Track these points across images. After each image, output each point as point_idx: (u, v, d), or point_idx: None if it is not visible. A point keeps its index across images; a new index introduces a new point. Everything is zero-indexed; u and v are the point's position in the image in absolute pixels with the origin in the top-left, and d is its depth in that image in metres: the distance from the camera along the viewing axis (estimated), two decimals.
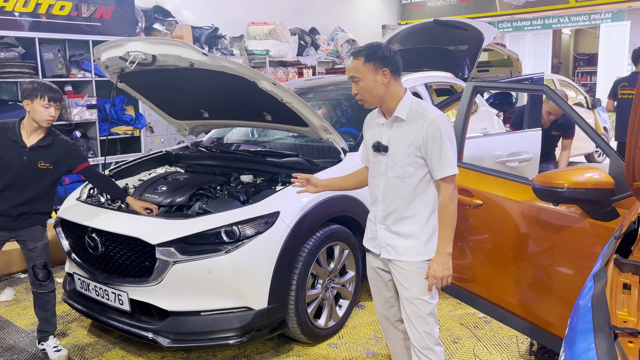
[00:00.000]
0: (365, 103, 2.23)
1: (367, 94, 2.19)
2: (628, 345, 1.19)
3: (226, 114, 3.79)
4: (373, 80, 2.17)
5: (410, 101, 2.22)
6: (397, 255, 2.26)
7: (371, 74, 2.16)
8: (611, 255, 1.58)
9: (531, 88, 3.75)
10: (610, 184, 2.16)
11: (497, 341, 3.25)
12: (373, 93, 2.18)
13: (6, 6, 4.85)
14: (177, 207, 3.24)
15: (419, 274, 2.24)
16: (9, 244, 4.48)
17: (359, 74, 2.18)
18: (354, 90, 2.22)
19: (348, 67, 2.23)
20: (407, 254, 2.25)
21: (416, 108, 2.19)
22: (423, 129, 2.14)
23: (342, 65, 9.46)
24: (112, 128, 5.71)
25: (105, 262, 3.09)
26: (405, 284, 2.26)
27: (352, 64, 2.20)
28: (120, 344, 3.33)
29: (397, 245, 2.26)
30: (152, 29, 6.67)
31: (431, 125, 2.12)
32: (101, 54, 3.33)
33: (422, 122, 2.14)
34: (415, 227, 2.23)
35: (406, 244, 2.25)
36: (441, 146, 2.13)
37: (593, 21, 12.10)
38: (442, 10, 11.40)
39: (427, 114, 2.15)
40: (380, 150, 2.25)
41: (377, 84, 2.17)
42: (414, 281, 2.24)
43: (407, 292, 2.26)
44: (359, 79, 2.18)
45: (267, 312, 2.89)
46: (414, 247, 2.24)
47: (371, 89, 2.17)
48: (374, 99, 2.21)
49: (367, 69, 2.16)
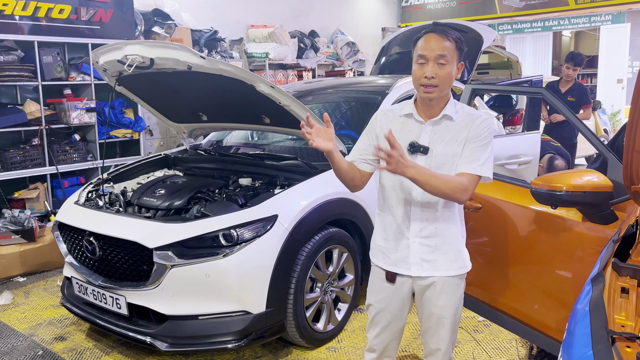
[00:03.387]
0: (432, 92, 1.93)
1: (446, 82, 1.92)
2: (625, 349, 1.18)
3: (225, 117, 3.79)
4: (455, 70, 1.94)
5: (454, 101, 2.04)
6: (433, 270, 2.04)
7: (456, 62, 1.94)
8: (609, 259, 1.57)
9: (529, 91, 3.75)
10: (608, 187, 2.15)
11: (497, 345, 3.24)
12: (450, 83, 1.95)
13: (5, 10, 4.86)
14: (175, 211, 3.23)
15: (457, 289, 2.08)
16: (7, 247, 4.49)
17: (450, 56, 1.91)
18: (434, 73, 1.90)
19: (437, 44, 1.90)
20: (448, 268, 2.04)
21: (462, 109, 2.03)
22: (474, 125, 1.97)
23: (342, 68, 9.45)
24: (111, 131, 5.70)
25: (103, 266, 3.08)
26: (440, 302, 2.06)
27: (445, 43, 1.90)
28: (118, 348, 3.32)
29: (436, 260, 2.03)
30: (152, 32, 6.67)
31: (482, 124, 1.97)
32: (99, 58, 3.32)
33: (473, 120, 1.99)
34: (453, 235, 2.04)
35: (446, 257, 2.04)
36: (484, 146, 1.96)
37: (593, 23, 12.09)
38: (442, 13, 11.40)
39: (479, 114, 2.02)
40: (419, 151, 1.98)
41: (453, 77, 1.95)
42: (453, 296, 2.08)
43: (443, 311, 2.07)
44: (447, 63, 1.91)
45: (266, 316, 2.88)
46: (456, 260, 2.04)
47: (452, 79, 1.94)
48: (445, 91, 1.96)
49: (456, 56, 1.93)
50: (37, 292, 4.29)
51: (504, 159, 4.05)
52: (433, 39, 1.92)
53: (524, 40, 13.82)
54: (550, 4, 10.38)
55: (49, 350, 3.33)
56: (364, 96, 4.29)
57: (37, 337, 3.51)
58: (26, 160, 5.09)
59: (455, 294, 2.08)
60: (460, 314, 2.15)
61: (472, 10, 11.12)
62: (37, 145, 5.18)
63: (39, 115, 5.13)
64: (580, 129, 2.48)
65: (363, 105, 4.17)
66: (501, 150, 4.08)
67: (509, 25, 12.74)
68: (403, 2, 11.98)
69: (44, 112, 5.16)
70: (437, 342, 2.14)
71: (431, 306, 2.09)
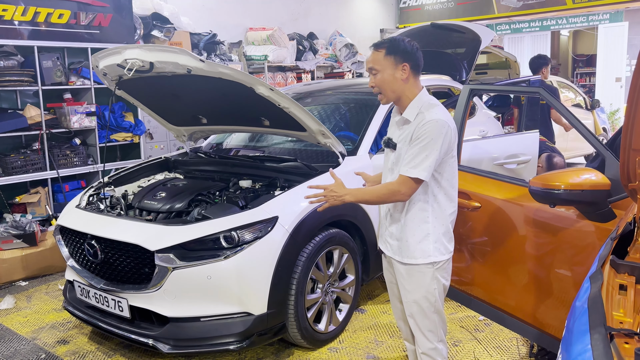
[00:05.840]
0: (383, 98, 2.20)
1: (385, 88, 2.15)
2: (624, 346, 1.19)
3: (224, 120, 3.80)
4: (392, 75, 2.13)
5: (423, 102, 2.15)
6: (392, 253, 2.31)
7: (391, 67, 2.13)
8: (607, 256, 1.58)
9: (527, 90, 3.76)
10: (606, 185, 2.16)
11: (498, 344, 3.25)
12: (392, 87, 2.15)
13: (5, 15, 4.87)
14: (176, 213, 3.24)
15: (412, 276, 2.24)
16: (9, 252, 4.50)
17: (378, 66, 2.14)
18: (372, 82, 2.18)
19: (368, 59, 2.19)
20: (398, 254, 2.28)
21: (425, 110, 2.12)
22: (417, 127, 2.09)
23: (341, 69, 9.47)
24: (111, 135, 5.72)
25: (105, 269, 3.09)
26: (403, 284, 2.30)
27: (373, 56, 2.16)
28: (120, 350, 3.33)
29: (393, 244, 2.30)
30: (151, 36, 6.69)
31: (423, 126, 2.07)
32: (99, 62, 3.34)
33: (419, 123, 2.10)
34: (406, 228, 2.23)
35: (397, 244, 2.28)
36: (420, 148, 2.07)
37: (591, 22, 12.11)
38: (440, 14, 11.43)
39: (427, 116, 2.09)
40: (389, 147, 2.25)
41: (395, 79, 2.13)
42: (412, 283, 2.26)
43: (406, 294, 2.29)
44: (378, 72, 2.14)
45: (267, 317, 2.89)
46: (404, 249, 2.25)
47: (390, 83, 2.14)
48: (392, 94, 2.17)
49: (388, 62, 2.13)
50: (39, 296, 4.30)
51: (503, 159, 4.06)
52: (370, 53, 2.20)
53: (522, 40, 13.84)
54: (548, 4, 10.40)
55: (52, 354, 3.34)
56: (362, 97, 4.31)
57: (39, 341, 3.52)
58: (27, 165, 5.10)
59: (421, 281, 2.24)
60: (432, 303, 2.25)
61: (470, 10, 11.14)
62: (38, 149, 5.19)
63: (39, 119, 5.15)
64: (578, 127, 2.49)
65: (362, 107, 4.19)
66: (500, 150, 4.09)
67: (507, 25, 12.76)
68: (401, 4, 12.01)
69: (44, 116, 5.18)
70: (410, 325, 2.35)
71: (401, 288, 2.32)
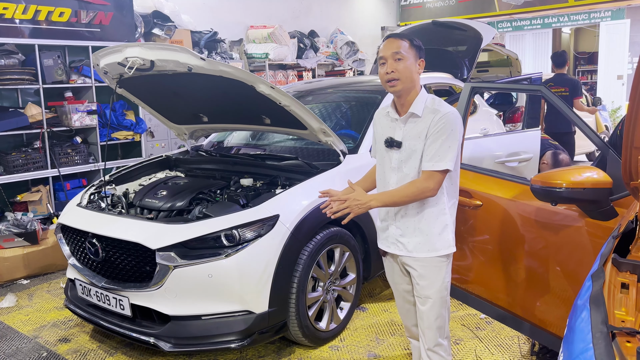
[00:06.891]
0: (396, 86, 2.17)
1: (407, 76, 2.15)
2: (626, 344, 1.19)
3: (225, 118, 3.80)
4: (414, 65, 2.17)
5: (426, 98, 2.21)
6: (406, 252, 2.27)
7: (414, 58, 2.17)
8: (609, 254, 1.58)
9: (528, 88, 3.75)
10: (608, 183, 2.16)
11: (499, 342, 3.25)
12: (411, 77, 2.16)
13: (5, 13, 4.87)
14: (178, 212, 3.24)
15: (429, 271, 2.25)
16: (10, 250, 4.50)
17: (405, 52, 2.15)
18: (392, 67, 2.15)
19: (391, 45, 2.16)
20: (418, 250, 2.25)
21: (431, 105, 2.19)
22: (433, 121, 2.14)
23: (342, 67, 9.46)
24: (112, 133, 5.72)
25: (106, 268, 3.09)
26: (418, 281, 2.28)
27: (398, 43, 2.15)
28: (122, 349, 3.33)
29: (408, 243, 2.26)
30: (152, 34, 6.69)
31: (441, 120, 2.13)
32: (99, 60, 3.34)
33: (434, 116, 2.15)
34: (425, 222, 2.23)
35: (416, 240, 2.25)
36: (443, 141, 2.13)
37: (593, 20, 12.09)
38: (441, 11, 11.40)
39: (441, 109, 2.16)
40: (393, 146, 2.24)
41: (414, 71, 2.17)
42: (429, 278, 2.26)
43: (421, 290, 2.28)
44: (403, 58, 2.15)
45: (268, 315, 2.89)
46: (424, 243, 2.23)
47: (412, 72, 2.16)
48: (410, 84, 2.17)
49: (412, 52, 2.16)
50: (41, 294, 4.31)
51: (504, 157, 4.06)
52: (389, 41, 2.19)
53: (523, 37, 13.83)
54: (549, 1, 10.37)
55: (53, 352, 3.35)
56: (364, 95, 4.30)
57: (41, 339, 3.53)
58: (28, 163, 5.10)
59: (437, 274, 2.25)
60: (444, 298, 2.29)
61: (472, 8, 11.12)
62: (39, 148, 5.20)
63: (40, 118, 5.15)
64: (579, 125, 2.49)
65: (363, 105, 4.18)
66: (501, 148, 4.09)
67: (509, 22, 12.74)
68: (402, 1, 11.98)
69: (45, 115, 5.18)
70: (421, 322, 2.33)
71: (415, 284, 2.31)
